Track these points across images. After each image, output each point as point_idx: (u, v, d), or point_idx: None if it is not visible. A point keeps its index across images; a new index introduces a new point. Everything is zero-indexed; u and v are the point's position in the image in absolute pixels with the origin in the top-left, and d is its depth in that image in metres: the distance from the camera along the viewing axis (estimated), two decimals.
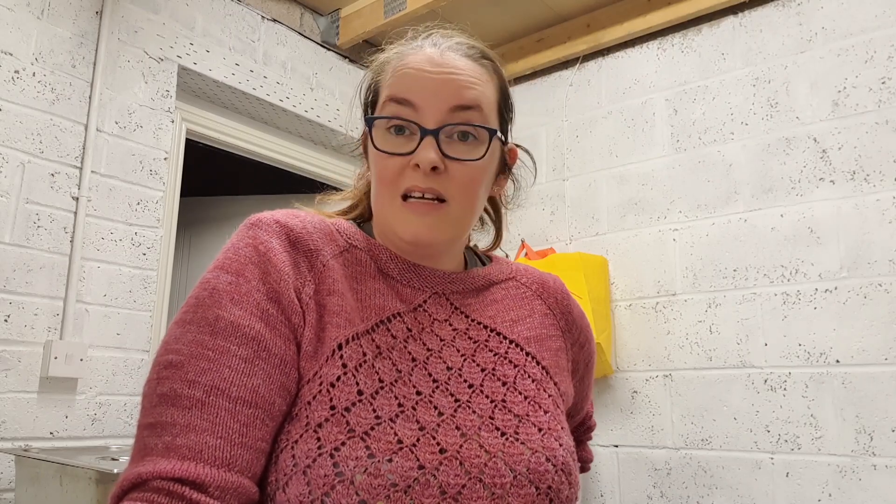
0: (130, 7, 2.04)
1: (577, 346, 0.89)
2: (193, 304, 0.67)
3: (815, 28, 2.10)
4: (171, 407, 0.62)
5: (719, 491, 2.04)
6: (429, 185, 0.73)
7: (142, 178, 2.00)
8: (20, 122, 1.76)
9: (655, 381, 2.22)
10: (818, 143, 2.04)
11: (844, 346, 1.91)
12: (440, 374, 0.72)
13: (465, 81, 0.75)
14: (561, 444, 0.73)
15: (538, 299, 0.87)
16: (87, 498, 1.33)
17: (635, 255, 2.34)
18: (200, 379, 0.63)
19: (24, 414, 1.69)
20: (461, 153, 0.74)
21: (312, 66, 2.55)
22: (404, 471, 0.63)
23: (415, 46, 0.78)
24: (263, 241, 0.71)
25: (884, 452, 1.81)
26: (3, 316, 1.69)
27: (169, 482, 0.58)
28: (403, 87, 0.74)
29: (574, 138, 2.56)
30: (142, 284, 1.96)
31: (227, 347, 0.64)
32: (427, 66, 0.75)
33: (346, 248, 0.77)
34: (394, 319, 0.74)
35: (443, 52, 0.76)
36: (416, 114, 0.73)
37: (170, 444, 0.60)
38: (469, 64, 0.77)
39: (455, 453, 0.66)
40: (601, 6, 2.49)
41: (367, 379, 0.68)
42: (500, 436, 0.70)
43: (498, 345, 0.79)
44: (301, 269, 0.72)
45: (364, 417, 0.65)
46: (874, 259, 1.90)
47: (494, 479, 0.66)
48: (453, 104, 0.74)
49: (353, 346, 0.70)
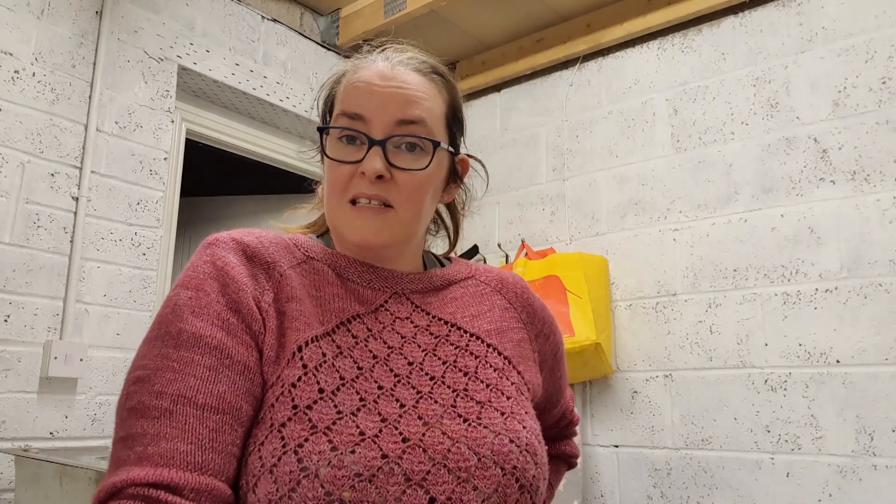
0: (130, 7, 2.04)
1: (541, 338, 0.91)
2: (158, 323, 0.71)
3: (815, 28, 2.09)
4: (141, 419, 0.64)
5: (719, 491, 2.04)
6: (375, 192, 0.77)
7: (142, 178, 2.00)
8: (20, 122, 1.76)
9: (656, 381, 2.22)
10: (818, 143, 2.04)
11: (845, 347, 1.90)
12: (401, 369, 0.74)
13: (411, 96, 0.79)
14: (524, 427, 0.75)
15: (497, 294, 0.90)
16: (87, 498, 1.32)
17: (635, 255, 2.34)
18: (167, 389, 0.65)
19: (24, 414, 1.69)
20: (406, 163, 0.78)
21: (312, 66, 2.55)
22: (367, 461, 0.65)
23: (368, 60, 0.82)
24: (220, 257, 0.74)
25: (884, 453, 1.81)
26: (3, 316, 1.69)
27: (143, 488, 0.60)
28: (353, 102, 0.79)
29: (574, 138, 2.56)
30: (141, 284, 1.96)
31: (191, 358, 0.67)
32: (376, 80, 0.79)
33: (304, 260, 0.80)
34: (353, 321, 0.77)
35: (393, 66, 0.80)
36: (365, 125, 0.78)
37: (142, 453, 0.62)
38: (418, 79, 0.80)
39: (418, 441, 0.68)
40: (601, 6, 2.48)
41: (328, 377, 0.70)
42: (462, 422, 0.72)
43: (459, 338, 0.81)
44: (259, 279, 0.75)
45: (325, 413, 0.67)
46: (874, 259, 1.90)
47: (458, 463, 0.68)
48: (399, 118, 0.78)
49: (312, 348, 0.72)
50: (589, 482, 2.29)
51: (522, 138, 2.69)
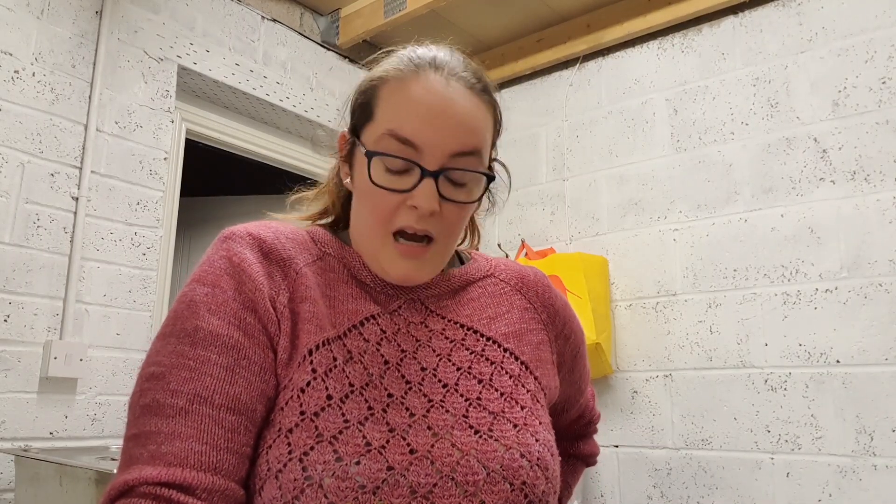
0: (130, 7, 2.04)
1: (561, 339, 0.88)
2: (172, 318, 0.69)
3: (815, 28, 2.09)
4: (155, 417, 0.63)
5: (719, 491, 2.04)
6: (422, 227, 0.73)
7: (141, 178, 2.00)
8: (20, 122, 1.76)
9: (656, 381, 2.22)
10: (818, 143, 2.04)
11: (845, 347, 1.90)
12: (413, 376, 0.73)
13: (469, 126, 0.73)
14: (537, 440, 0.73)
15: (517, 294, 0.87)
16: (87, 498, 1.32)
17: (635, 255, 2.34)
18: (183, 388, 0.64)
19: (23, 414, 1.69)
20: (457, 195, 0.74)
21: (312, 66, 2.55)
22: (372, 472, 0.64)
23: (415, 67, 0.75)
24: (237, 253, 0.72)
25: (884, 452, 1.81)
26: (3, 316, 1.69)
27: (155, 486, 0.60)
28: (406, 124, 0.72)
29: (574, 138, 2.56)
30: (141, 284, 1.96)
31: (207, 357, 0.66)
32: (432, 101, 0.72)
33: (320, 257, 0.78)
34: (367, 323, 0.75)
35: (447, 80, 0.74)
36: (418, 153, 0.72)
37: (155, 452, 0.62)
38: (472, 101, 0.75)
39: (426, 453, 0.67)
40: (601, 6, 2.48)
41: (337, 384, 0.69)
42: (473, 434, 0.70)
43: (475, 343, 0.79)
44: (275, 278, 0.73)
45: (332, 422, 0.66)
46: (874, 259, 1.90)
47: (467, 476, 0.67)
48: (456, 150, 0.73)
49: (323, 352, 0.70)
50: (589, 482, 2.29)
51: (522, 138, 2.69)
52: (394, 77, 0.75)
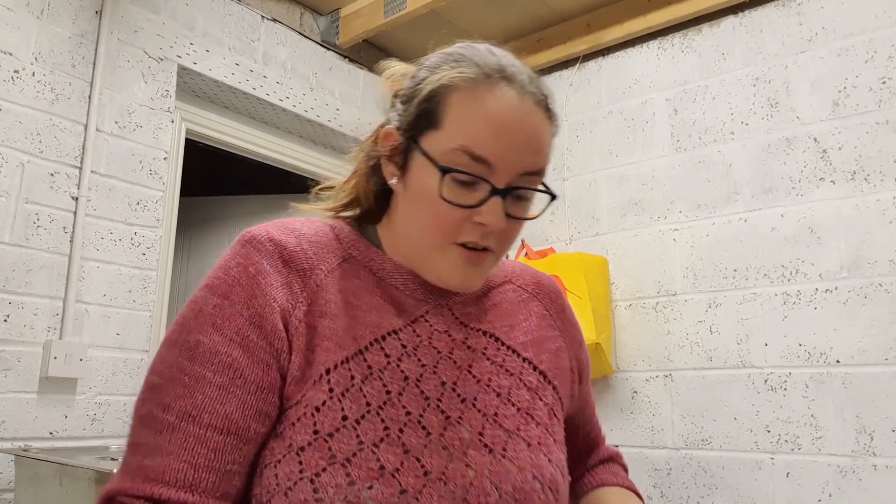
0: (130, 7, 2.04)
1: (575, 344, 0.89)
2: (180, 325, 0.70)
3: (815, 28, 2.09)
4: (147, 429, 0.66)
5: (719, 491, 2.04)
6: (487, 243, 0.73)
7: (141, 178, 2.00)
8: (20, 122, 1.76)
9: (655, 381, 2.22)
10: (818, 143, 2.04)
11: (845, 347, 1.90)
12: (432, 392, 0.72)
13: (539, 144, 0.73)
14: (550, 460, 0.73)
15: (535, 300, 0.87)
16: (87, 498, 1.33)
17: (635, 255, 2.34)
18: (174, 404, 0.66)
19: (23, 414, 1.69)
20: (520, 212, 0.75)
21: (312, 65, 2.55)
22: (384, 497, 0.63)
23: (486, 77, 0.71)
24: (254, 262, 0.71)
25: (884, 452, 1.81)
26: (3, 316, 1.69)
27: (131, 499, 0.63)
28: (481, 144, 0.69)
29: (574, 138, 2.56)
30: (141, 284, 1.96)
31: (202, 374, 0.67)
32: (509, 120, 0.70)
33: (346, 258, 0.77)
34: (388, 337, 0.74)
35: (523, 97, 0.71)
36: (489, 171, 0.70)
37: (140, 463, 0.65)
38: (542, 119, 0.73)
39: (440, 475, 0.66)
40: (601, 6, 2.48)
41: (353, 404, 0.68)
42: (487, 453, 0.70)
43: (496, 352, 0.79)
44: (293, 288, 0.71)
45: (346, 443, 0.66)
46: (874, 259, 1.90)
47: (479, 498, 0.67)
48: (526, 170, 0.72)
49: (341, 371, 0.69)
50: None
51: None
52: (464, 86, 0.71)
